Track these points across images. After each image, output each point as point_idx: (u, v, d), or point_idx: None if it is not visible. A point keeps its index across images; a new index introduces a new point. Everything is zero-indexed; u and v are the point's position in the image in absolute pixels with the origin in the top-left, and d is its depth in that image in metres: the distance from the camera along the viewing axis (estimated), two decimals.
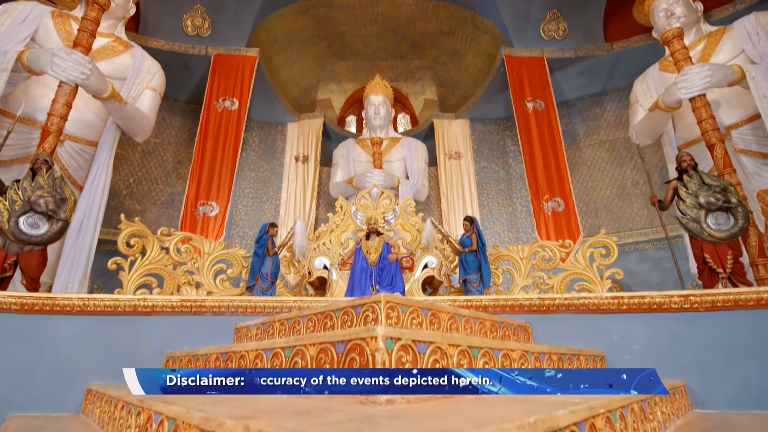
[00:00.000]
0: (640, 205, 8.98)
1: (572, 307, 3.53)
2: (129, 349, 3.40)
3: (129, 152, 9.20)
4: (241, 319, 3.54)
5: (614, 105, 9.59)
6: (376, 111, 9.20)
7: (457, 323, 2.64)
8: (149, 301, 3.55)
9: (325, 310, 2.50)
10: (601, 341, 3.38)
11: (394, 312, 2.20)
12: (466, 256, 5.36)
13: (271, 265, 5.31)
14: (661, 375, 3.21)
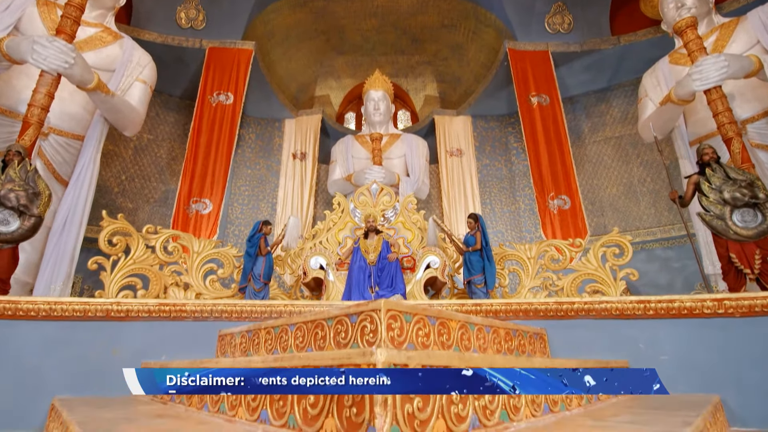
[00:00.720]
0: (648, 203, 8.60)
1: (593, 312, 3.14)
2: (100, 359, 3.01)
3: (121, 148, 8.80)
4: (225, 325, 3.15)
5: (620, 101, 9.21)
6: (375, 106, 8.81)
7: (469, 333, 2.25)
8: (123, 305, 3.16)
9: (316, 319, 2.12)
10: (625, 350, 2.99)
11: (396, 322, 1.82)
12: (470, 255, 4.97)
13: (264, 266, 4.92)
14: (693, 388, 2.77)
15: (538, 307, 3.26)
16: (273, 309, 3.33)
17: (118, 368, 3.13)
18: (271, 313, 3.31)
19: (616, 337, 3.07)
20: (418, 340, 1.90)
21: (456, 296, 5.37)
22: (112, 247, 4.71)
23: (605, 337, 3.08)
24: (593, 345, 3.05)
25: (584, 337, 3.10)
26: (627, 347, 3.01)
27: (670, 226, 8.38)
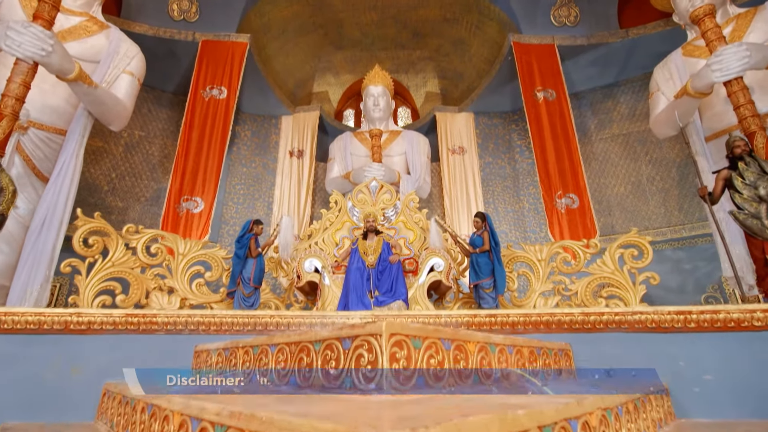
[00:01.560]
0: (657, 202, 8.15)
1: (624, 324, 2.69)
2: (57, 378, 2.55)
3: (111, 145, 8.35)
4: (203, 339, 2.70)
5: (627, 97, 8.77)
6: (375, 102, 8.37)
7: (489, 357, 1.80)
8: (84, 316, 2.70)
9: (301, 341, 1.66)
10: (663, 368, 2.54)
11: (402, 350, 1.36)
12: (477, 257, 4.53)
13: (254, 268, 4.47)
14: (744, 413, 2.32)
15: (562, 319, 2.81)
16: (257, 321, 2.87)
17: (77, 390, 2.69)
18: (255, 325, 2.86)
19: (652, 353, 2.62)
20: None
21: (461, 301, 4.92)
22: (88, 249, 4.26)
23: (639, 354, 2.63)
24: (625, 362, 2.60)
25: (614, 353, 2.65)
26: (665, 365, 2.56)
27: (681, 227, 7.94)
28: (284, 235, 4.65)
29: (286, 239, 4.61)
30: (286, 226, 4.67)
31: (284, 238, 4.64)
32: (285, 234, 4.66)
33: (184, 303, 4.62)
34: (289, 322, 2.85)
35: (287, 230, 4.65)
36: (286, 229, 4.66)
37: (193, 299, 4.62)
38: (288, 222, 4.71)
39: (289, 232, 4.64)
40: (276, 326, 2.81)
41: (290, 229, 4.66)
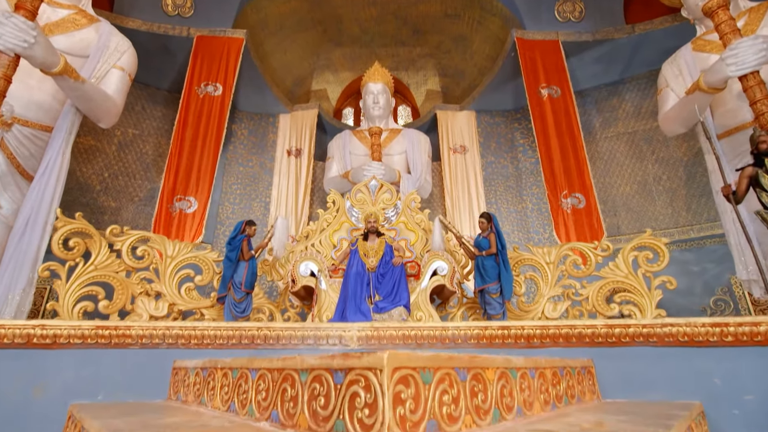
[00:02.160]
0: (664, 202, 7.85)
1: (653, 337, 2.38)
2: (18, 399, 2.24)
3: (104, 144, 8.04)
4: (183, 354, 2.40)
5: (633, 95, 8.47)
6: (375, 100, 8.06)
7: (511, 384, 1.49)
8: (49, 328, 2.39)
9: (285, 368, 1.36)
10: (697, 387, 2.24)
11: (409, 388, 1.05)
12: (483, 260, 4.22)
13: (246, 272, 4.16)
14: None
15: (584, 332, 2.50)
16: (243, 333, 2.57)
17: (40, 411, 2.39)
18: (241, 338, 2.55)
19: (684, 370, 2.32)
20: (443, 411, 1.15)
21: (466, 306, 4.62)
22: (69, 251, 3.95)
23: (670, 371, 2.33)
24: (654, 381, 2.30)
25: (641, 370, 2.34)
26: (699, 384, 2.25)
27: (689, 227, 7.64)
28: (279, 237, 4.34)
29: (280, 241, 4.31)
30: (280, 228, 4.37)
31: (279, 240, 4.34)
32: (279, 236, 4.35)
33: (173, 308, 4.32)
34: (278, 335, 2.55)
35: (282, 232, 4.34)
36: (281, 230, 4.35)
37: (182, 304, 4.31)
38: (283, 223, 4.40)
39: (284, 234, 4.34)
40: (264, 339, 2.50)
41: (285, 230, 4.36)
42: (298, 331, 2.57)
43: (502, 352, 2.44)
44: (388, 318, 3.76)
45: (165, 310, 4.25)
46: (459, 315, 4.67)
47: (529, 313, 4.50)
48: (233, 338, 2.53)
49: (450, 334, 2.65)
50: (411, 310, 3.96)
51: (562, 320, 3.11)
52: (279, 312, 4.60)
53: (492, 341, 2.51)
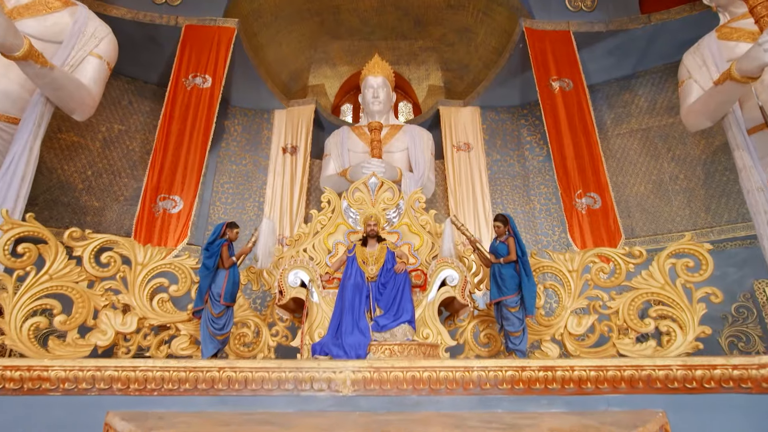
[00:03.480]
0: (681, 203, 7.22)
1: (746, 382, 1.75)
2: None
3: (87, 140, 7.39)
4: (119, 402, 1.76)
5: (647, 89, 7.84)
6: (374, 94, 7.43)
7: None
8: None
9: None
10: None
11: None
12: (500, 269, 3.58)
13: (225, 282, 3.51)
14: None
15: (654, 373, 1.85)
16: (200, 375, 1.90)
17: None
18: (197, 382, 1.89)
19: None
20: None
21: (478, 320, 3.98)
22: (17, 259, 3.30)
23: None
24: None
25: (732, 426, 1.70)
26: None
27: (708, 229, 7.00)
28: (264, 242, 3.70)
29: (266, 247, 3.67)
30: (266, 231, 3.73)
31: (264, 245, 3.70)
32: (265, 241, 3.71)
33: (143, 323, 3.68)
34: (246, 378, 1.89)
35: (268, 236, 3.70)
36: (267, 234, 3.71)
37: (153, 318, 3.67)
38: (269, 226, 3.76)
39: (271, 238, 3.70)
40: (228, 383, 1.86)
41: (272, 234, 3.72)
42: (273, 373, 1.93)
43: (544, 400, 1.81)
44: (390, 337, 3.13)
45: (134, 325, 3.61)
46: (469, 329, 4.04)
47: (550, 328, 3.87)
48: (186, 381, 1.88)
49: (475, 377, 2.01)
50: (417, 328, 3.33)
51: (625, 359, 2.46)
52: (266, 326, 3.96)
53: (531, 386, 1.87)
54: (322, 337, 3.32)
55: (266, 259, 3.64)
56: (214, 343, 3.40)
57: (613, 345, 3.67)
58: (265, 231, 3.69)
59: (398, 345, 2.96)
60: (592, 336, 3.82)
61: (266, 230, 3.70)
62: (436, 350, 3.19)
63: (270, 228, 3.73)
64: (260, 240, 3.69)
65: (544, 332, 3.87)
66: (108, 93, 7.73)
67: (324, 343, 3.04)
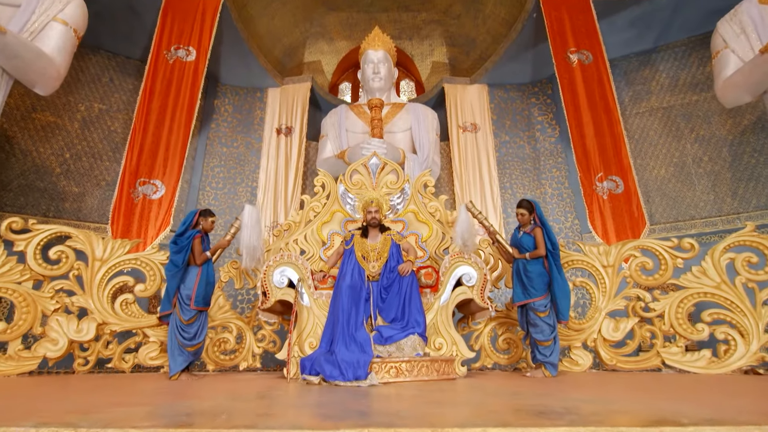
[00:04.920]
0: (705, 187, 6.53)
1: None
2: None
3: (65, 120, 6.66)
4: None
5: (669, 65, 7.08)
6: (375, 69, 6.69)
7: None
8: None
9: None
10: None
11: None
12: (526, 265, 2.93)
13: (198, 282, 2.86)
14: None
15: None
16: None
17: None
18: None
19: None
20: None
21: (496, 322, 3.35)
22: None
23: None
24: None
25: None
26: None
27: (734, 216, 6.34)
28: (249, 235, 3.03)
29: (251, 241, 3.00)
30: (249, 220, 3.06)
31: (248, 238, 3.03)
32: (250, 232, 3.04)
33: (103, 329, 3.04)
34: None
35: (252, 227, 3.03)
36: (251, 224, 3.04)
37: (115, 324, 3.03)
38: (253, 214, 3.09)
39: (255, 230, 3.03)
40: None
41: (256, 224, 3.05)
42: None
43: None
44: (396, 351, 2.50)
45: (92, 332, 2.97)
46: (486, 334, 3.40)
47: (581, 332, 3.23)
48: None
49: None
50: (427, 340, 2.69)
51: None
52: (250, 330, 3.32)
53: None
54: (314, 348, 2.70)
55: (251, 257, 2.95)
56: (185, 355, 2.77)
57: (657, 354, 3.04)
58: (249, 220, 3.02)
59: (406, 362, 2.33)
60: (631, 342, 3.19)
61: (250, 219, 3.03)
62: (451, 366, 2.57)
63: (254, 216, 3.05)
64: (243, 232, 3.02)
65: (573, 337, 3.24)
66: (87, 69, 7.01)
67: (315, 358, 2.41)
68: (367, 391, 2.08)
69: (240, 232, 3.11)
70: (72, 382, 2.69)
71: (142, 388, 2.34)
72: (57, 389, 2.16)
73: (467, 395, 1.89)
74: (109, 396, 1.88)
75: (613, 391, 2.03)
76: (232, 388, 2.26)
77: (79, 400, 1.68)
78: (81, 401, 1.64)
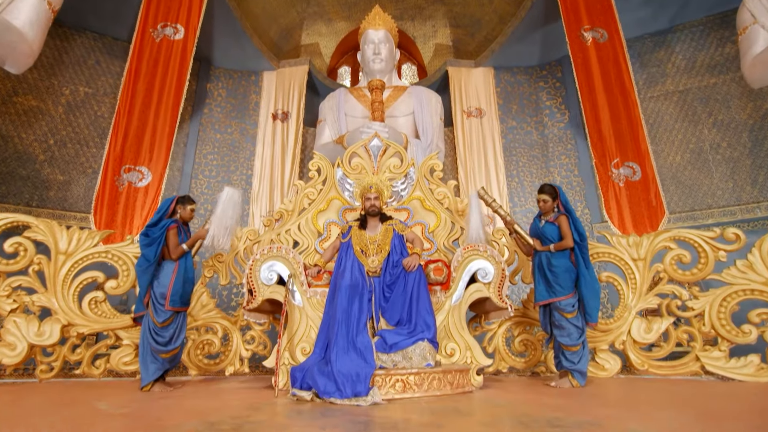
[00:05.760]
0: (723, 174, 6.11)
1: None
2: None
3: (49, 104, 6.22)
4: None
5: (685, 45, 6.61)
6: (375, 50, 6.23)
7: None
8: None
9: None
10: None
11: None
12: (549, 259, 2.52)
13: (174, 278, 2.45)
14: None
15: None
16: None
17: None
18: None
19: None
20: None
21: (512, 322, 2.95)
22: None
23: None
24: None
25: None
26: None
27: (755, 205, 5.93)
28: (221, 214, 2.61)
29: (222, 220, 2.58)
30: (227, 201, 2.65)
31: (221, 217, 2.61)
32: (223, 212, 2.62)
33: (69, 332, 2.64)
34: None
35: (227, 208, 2.62)
36: (227, 205, 2.63)
37: (83, 325, 2.64)
38: (232, 196, 2.68)
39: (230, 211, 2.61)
40: None
41: (233, 206, 2.64)
42: None
43: None
44: (403, 360, 2.10)
45: (56, 335, 2.58)
46: (501, 335, 3.01)
47: (608, 333, 2.84)
48: None
49: None
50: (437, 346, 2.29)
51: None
52: (238, 331, 2.93)
53: None
54: (307, 355, 2.31)
55: (219, 237, 2.53)
56: (158, 362, 2.37)
57: (695, 359, 2.65)
58: (226, 201, 2.61)
59: (415, 374, 1.94)
60: (664, 345, 2.79)
61: (228, 200, 2.62)
62: (466, 376, 2.17)
63: (232, 198, 2.64)
64: (217, 209, 2.60)
65: (599, 339, 2.85)
66: (72, 50, 6.55)
67: (308, 368, 2.02)
68: (369, 412, 1.69)
69: (214, 209, 2.70)
70: (23, 393, 2.30)
71: (101, 403, 1.95)
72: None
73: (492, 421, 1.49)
74: (43, 416, 1.49)
75: (660, 407, 1.64)
76: (208, 406, 1.87)
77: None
78: None
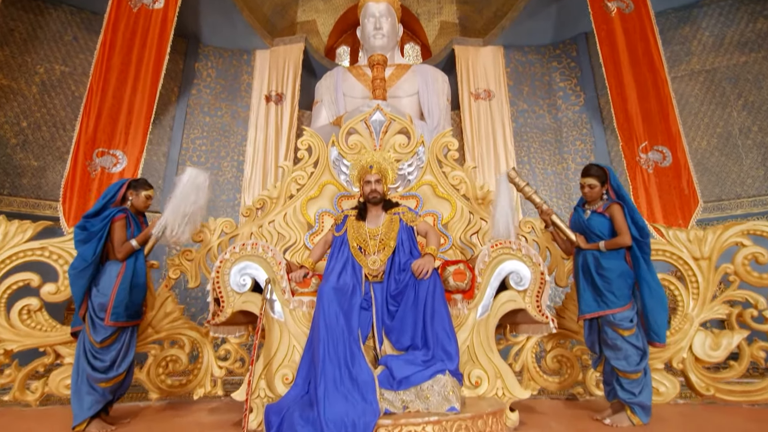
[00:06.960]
0: (754, 161, 5.50)
1: None
2: None
3: (21, 83, 5.59)
4: None
5: (712, 21, 5.96)
6: (376, 25, 5.56)
7: None
8: None
9: None
10: None
11: None
12: (599, 259, 1.92)
13: (118, 284, 1.85)
14: None
15: None
16: None
17: None
18: None
19: None
20: None
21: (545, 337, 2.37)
22: None
23: None
24: None
25: None
26: None
27: None
28: (181, 198, 2.03)
29: (179, 207, 2.00)
30: (187, 181, 2.06)
31: (180, 201, 2.02)
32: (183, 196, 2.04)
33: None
34: None
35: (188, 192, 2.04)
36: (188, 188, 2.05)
37: (13, 341, 2.05)
38: (195, 178, 2.10)
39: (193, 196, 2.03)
40: None
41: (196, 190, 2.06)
42: None
43: None
44: (417, 400, 1.52)
45: None
46: (529, 349, 2.42)
47: (664, 350, 2.25)
48: None
49: None
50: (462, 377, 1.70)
51: None
52: (210, 345, 2.34)
53: None
54: (290, 384, 1.72)
55: (174, 225, 1.92)
56: (96, 394, 1.79)
57: None
58: (187, 183, 2.03)
59: (434, 423, 1.34)
60: (736, 365, 2.21)
61: (190, 182, 2.03)
62: (500, 420, 1.56)
63: (196, 180, 2.05)
64: (175, 191, 2.03)
65: (652, 356, 2.26)
66: (47, 25, 5.88)
67: (287, 410, 1.42)
68: None
69: (172, 193, 2.11)
70: None
71: None
72: None
73: None
74: None
75: None
76: None
77: None
78: None
